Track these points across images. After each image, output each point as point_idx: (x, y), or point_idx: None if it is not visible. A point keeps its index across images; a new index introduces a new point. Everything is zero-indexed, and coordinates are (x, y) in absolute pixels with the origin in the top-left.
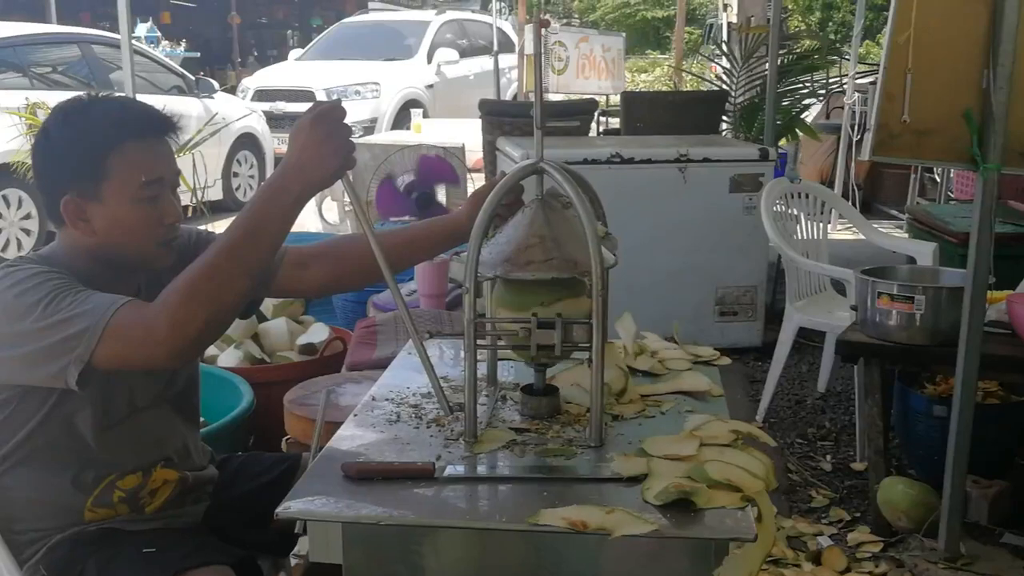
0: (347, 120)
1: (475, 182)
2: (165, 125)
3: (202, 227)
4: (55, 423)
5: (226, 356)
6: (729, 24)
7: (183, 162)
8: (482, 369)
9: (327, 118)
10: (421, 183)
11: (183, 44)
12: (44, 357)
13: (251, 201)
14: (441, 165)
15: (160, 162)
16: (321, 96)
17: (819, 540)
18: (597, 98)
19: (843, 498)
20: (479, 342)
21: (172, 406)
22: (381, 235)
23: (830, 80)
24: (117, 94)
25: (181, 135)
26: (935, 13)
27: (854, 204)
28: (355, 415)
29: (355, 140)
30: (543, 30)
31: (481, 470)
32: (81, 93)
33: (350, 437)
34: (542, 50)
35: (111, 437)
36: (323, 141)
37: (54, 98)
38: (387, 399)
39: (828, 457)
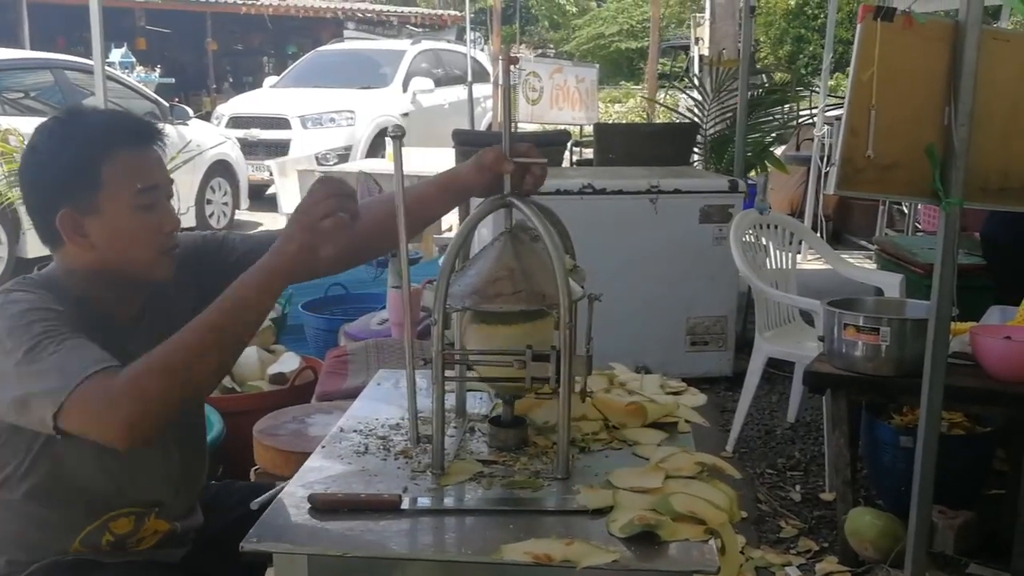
0: (322, 146)
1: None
2: (152, 132)
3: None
4: (46, 460)
5: None
6: (701, 57)
7: None
8: (451, 400)
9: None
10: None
11: (158, 70)
12: (22, 405)
13: (238, 283)
14: (363, 194)
15: (154, 169)
16: (296, 124)
17: (788, 571)
18: (571, 129)
19: (812, 528)
20: (447, 373)
21: (175, 440)
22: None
23: (800, 112)
24: (100, 107)
25: (167, 145)
26: (897, 51)
27: (823, 235)
28: (323, 447)
29: (329, 168)
30: (512, 66)
31: (448, 502)
32: (62, 108)
33: (317, 468)
34: (516, 82)
35: (106, 475)
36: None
37: (26, 124)
38: (355, 430)
39: (797, 487)
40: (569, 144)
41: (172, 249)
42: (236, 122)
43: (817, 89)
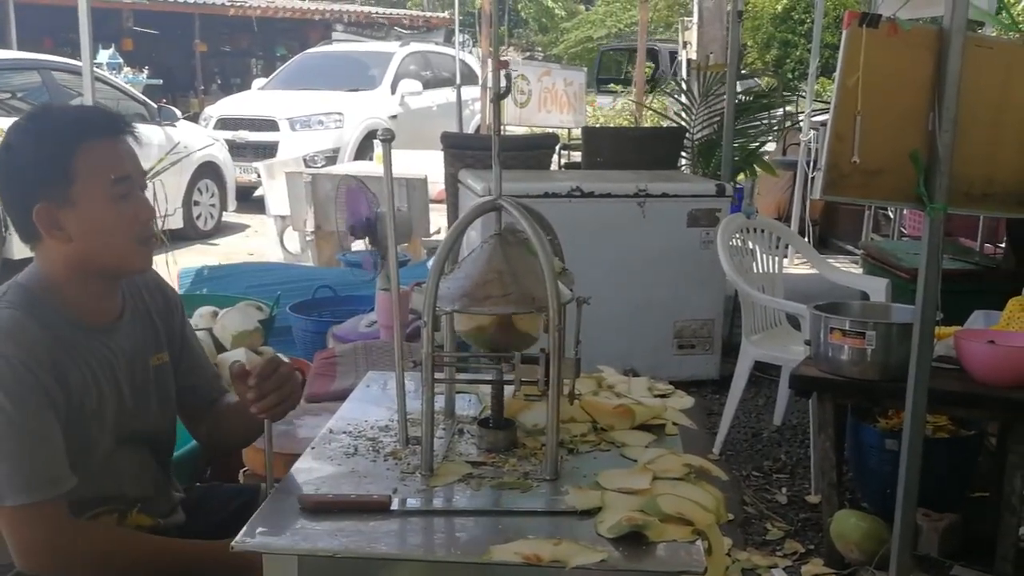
0: (310, 148)
1: (439, 212)
2: (122, 124)
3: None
4: None
5: None
6: (688, 61)
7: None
8: (440, 402)
9: None
10: (351, 214)
11: (146, 71)
12: None
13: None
14: (355, 197)
15: (126, 160)
16: (284, 126)
17: (773, 572)
18: (559, 132)
19: (798, 530)
20: (436, 375)
21: (146, 441)
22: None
23: (787, 116)
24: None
25: (139, 138)
26: (883, 57)
27: (809, 239)
28: (312, 447)
29: (317, 170)
30: (501, 71)
31: (437, 503)
32: (33, 107)
33: (307, 470)
34: (507, 85)
35: (85, 477)
36: None
37: None
38: (345, 432)
39: (784, 490)
40: (557, 147)
41: (149, 239)
42: (224, 124)
43: (803, 94)
